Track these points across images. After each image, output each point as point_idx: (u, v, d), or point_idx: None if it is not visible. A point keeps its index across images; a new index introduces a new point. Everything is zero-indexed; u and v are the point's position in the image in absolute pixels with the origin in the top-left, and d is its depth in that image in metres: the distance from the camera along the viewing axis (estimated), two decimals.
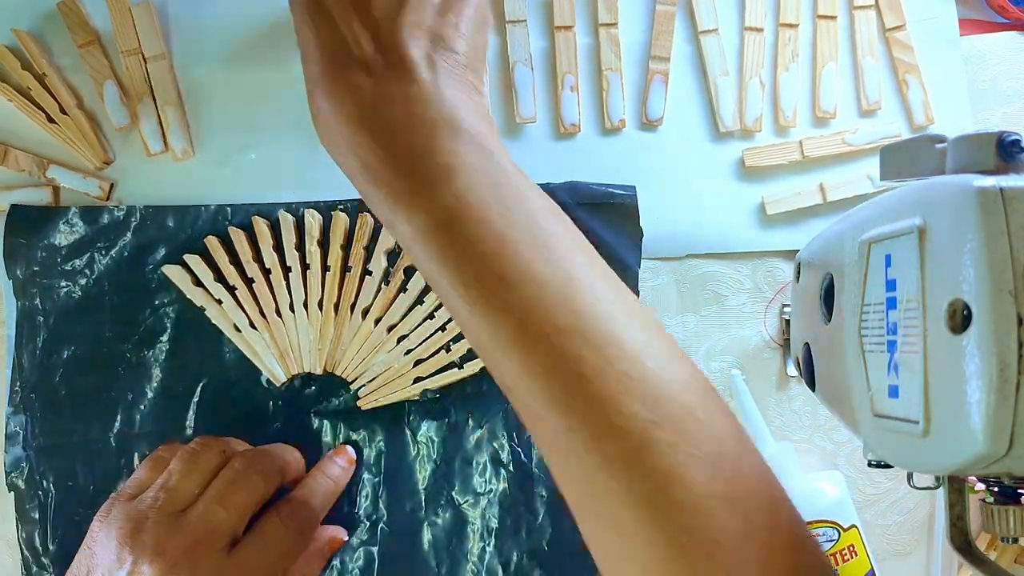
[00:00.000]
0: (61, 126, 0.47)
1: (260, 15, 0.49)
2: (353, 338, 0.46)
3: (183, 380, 0.47)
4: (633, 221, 0.48)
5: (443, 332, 0.46)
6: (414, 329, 0.46)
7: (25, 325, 0.47)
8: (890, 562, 0.48)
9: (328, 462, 0.45)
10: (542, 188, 0.47)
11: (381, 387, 0.46)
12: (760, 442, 0.44)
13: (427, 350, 0.46)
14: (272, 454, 0.43)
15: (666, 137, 0.49)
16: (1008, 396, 0.23)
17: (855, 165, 0.49)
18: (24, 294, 0.47)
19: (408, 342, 0.46)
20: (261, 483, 0.40)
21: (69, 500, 0.46)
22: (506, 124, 0.49)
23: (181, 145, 0.48)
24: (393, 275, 0.46)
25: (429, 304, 0.46)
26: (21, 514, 0.46)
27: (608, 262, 0.46)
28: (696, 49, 0.50)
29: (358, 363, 0.46)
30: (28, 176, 0.47)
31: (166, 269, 0.46)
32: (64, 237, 0.47)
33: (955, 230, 0.25)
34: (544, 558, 0.46)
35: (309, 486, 0.43)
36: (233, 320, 0.46)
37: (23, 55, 0.48)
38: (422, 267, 0.33)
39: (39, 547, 0.46)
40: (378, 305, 0.46)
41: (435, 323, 0.46)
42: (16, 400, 0.47)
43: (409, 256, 0.41)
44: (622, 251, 0.47)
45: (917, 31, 0.50)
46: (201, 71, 0.48)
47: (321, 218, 0.46)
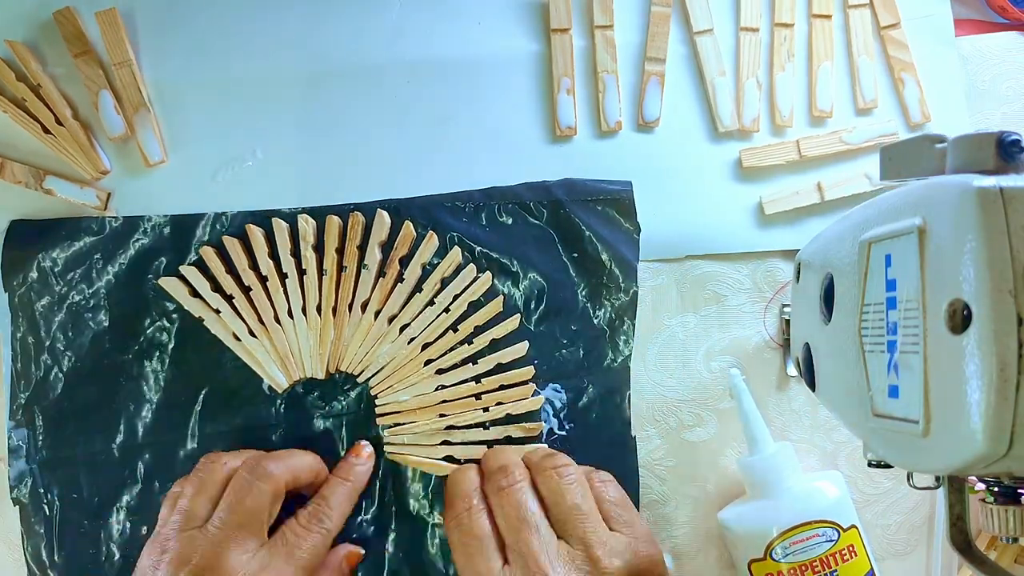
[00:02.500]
0: (57, 137, 0.47)
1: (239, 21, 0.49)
2: (355, 333, 0.46)
3: (185, 389, 0.46)
4: (630, 216, 0.48)
5: (447, 314, 0.46)
6: (415, 317, 0.46)
7: (24, 338, 0.47)
8: (890, 562, 0.48)
9: (345, 465, 0.45)
10: (539, 186, 0.47)
11: (392, 374, 0.46)
12: (760, 442, 0.44)
13: (432, 334, 0.46)
14: (281, 459, 0.43)
15: (663, 139, 0.49)
16: (1008, 396, 0.23)
17: (852, 164, 0.49)
18: (23, 307, 0.47)
19: (411, 330, 0.46)
20: (268, 488, 0.41)
21: (74, 512, 0.46)
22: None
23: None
24: (389, 266, 0.46)
25: (428, 291, 0.46)
26: (27, 528, 0.46)
27: (607, 259, 0.47)
28: (691, 50, 0.50)
29: (362, 357, 0.46)
30: (25, 188, 0.47)
31: (163, 282, 0.46)
32: (62, 250, 0.47)
33: (955, 230, 0.25)
34: None
35: (327, 490, 0.44)
36: (232, 329, 0.46)
37: (17, 66, 0.47)
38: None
39: (45, 560, 0.46)
40: (376, 298, 0.46)
41: (436, 308, 0.46)
42: (17, 414, 0.46)
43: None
44: (620, 247, 0.47)
45: (912, 29, 0.50)
46: (188, 79, 0.48)
47: (315, 223, 0.46)
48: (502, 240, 0.47)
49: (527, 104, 0.49)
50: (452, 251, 0.46)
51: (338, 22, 0.49)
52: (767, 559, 0.43)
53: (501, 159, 0.48)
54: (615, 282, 0.47)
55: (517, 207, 0.47)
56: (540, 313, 0.47)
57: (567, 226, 0.47)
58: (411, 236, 0.46)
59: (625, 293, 0.47)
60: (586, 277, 0.47)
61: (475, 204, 0.47)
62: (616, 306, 0.47)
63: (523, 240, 0.47)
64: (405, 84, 0.48)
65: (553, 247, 0.47)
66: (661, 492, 0.48)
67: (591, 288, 0.47)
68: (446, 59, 0.49)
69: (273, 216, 0.47)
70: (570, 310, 0.47)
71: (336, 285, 0.46)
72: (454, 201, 0.47)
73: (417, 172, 0.48)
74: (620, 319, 0.47)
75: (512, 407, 0.46)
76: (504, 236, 0.47)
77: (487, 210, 0.47)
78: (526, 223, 0.47)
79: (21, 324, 0.47)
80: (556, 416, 0.47)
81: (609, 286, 0.47)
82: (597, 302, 0.47)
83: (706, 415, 0.48)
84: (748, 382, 0.45)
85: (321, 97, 0.48)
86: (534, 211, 0.47)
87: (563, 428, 0.47)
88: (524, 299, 0.47)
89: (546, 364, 0.47)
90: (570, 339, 0.47)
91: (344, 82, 0.48)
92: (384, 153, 0.48)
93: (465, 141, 0.48)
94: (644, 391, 0.48)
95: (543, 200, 0.47)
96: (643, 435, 0.48)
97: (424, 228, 0.47)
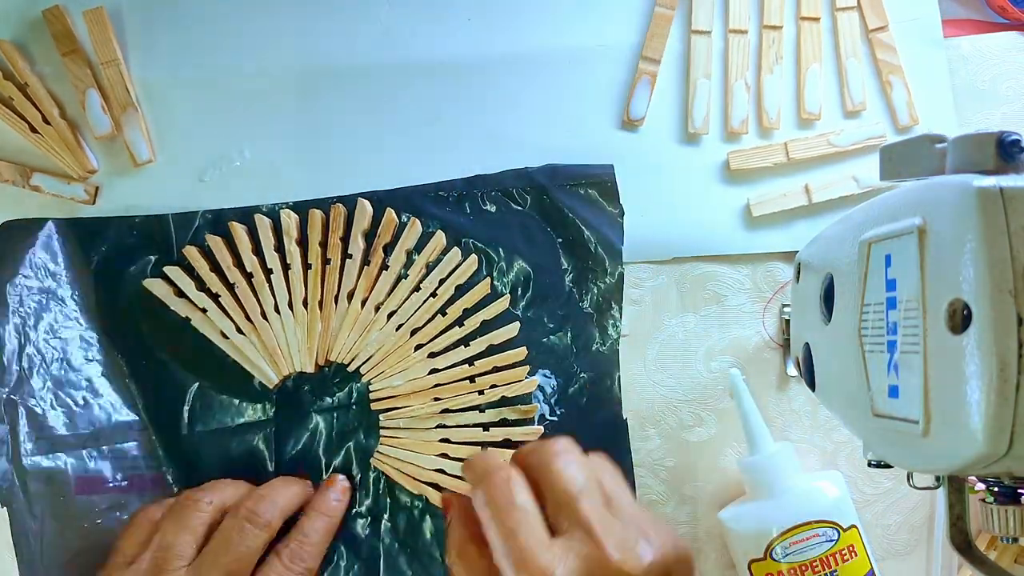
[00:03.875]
0: (44, 136, 0.47)
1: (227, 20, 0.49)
2: (342, 324, 0.46)
3: (174, 387, 0.46)
4: (613, 199, 0.48)
5: (434, 299, 0.46)
6: (402, 303, 0.46)
7: (11, 338, 0.47)
8: (890, 562, 0.48)
9: (322, 498, 0.45)
10: (521, 173, 0.47)
11: (382, 360, 0.46)
12: (760, 442, 0.44)
13: (421, 318, 0.46)
14: (268, 499, 0.43)
15: (649, 140, 0.49)
16: (1008, 396, 0.23)
17: (840, 166, 0.49)
18: (9, 306, 0.47)
19: (399, 317, 0.46)
20: (264, 536, 0.41)
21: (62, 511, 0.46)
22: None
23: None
24: (372, 254, 0.46)
25: (414, 276, 0.46)
26: (15, 527, 0.46)
27: (592, 242, 0.47)
28: (686, 50, 0.49)
29: (351, 346, 0.46)
30: (13, 186, 0.47)
31: (148, 283, 0.46)
32: (48, 249, 0.47)
33: (955, 230, 0.25)
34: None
35: (307, 525, 0.44)
36: (219, 327, 0.46)
37: (4, 65, 0.47)
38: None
39: (35, 560, 0.46)
40: (362, 287, 0.46)
41: (423, 293, 0.46)
42: (2, 411, 0.46)
43: None
44: (605, 230, 0.47)
45: (900, 32, 0.50)
46: (176, 78, 0.48)
47: (298, 217, 0.46)
48: (486, 228, 0.47)
49: (527, 103, 0.49)
50: (436, 235, 0.46)
51: (327, 22, 0.49)
52: (767, 559, 0.43)
53: (491, 155, 0.48)
54: (601, 265, 0.47)
55: (500, 194, 0.48)
56: (527, 299, 0.47)
57: (551, 211, 0.47)
58: (393, 223, 0.46)
59: (611, 276, 0.47)
60: (572, 261, 0.47)
61: (458, 193, 0.48)
62: (603, 289, 0.47)
63: (507, 227, 0.47)
64: (394, 83, 0.49)
65: (538, 233, 0.47)
66: (661, 492, 0.48)
67: (577, 272, 0.47)
68: (435, 58, 0.49)
69: (255, 212, 0.47)
70: (557, 295, 0.47)
71: (321, 279, 0.46)
72: (437, 191, 0.48)
73: (407, 170, 0.48)
74: (607, 302, 0.47)
75: (507, 389, 0.46)
76: (488, 224, 0.47)
77: (470, 199, 0.48)
78: (510, 210, 0.47)
79: (8, 323, 0.47)
80: (547, 402, 0.47)
81: (595, 269, 0.47)
82: (584, 286, 0.47)
83: (706, 415, 0.48)
84: (748, 382, 0.45)
85: (310, 96, 0.48)
86: (517, 198, 0.47)
87: (554, 414, 0.47)
88: (511, 286, 0.47)
89: (535, 350, 0.47)
90: (558, 324, 0.47)
91: (333, 81, 0.49)
92: (374, 152, 0.48)
93: (454, 140, 0.48)
94: (644, 391, 0.48)
95: (526, 186, 0.48)
96: (643, 435, 0.48)
97: (407, 216, 0.47)
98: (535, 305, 0.47)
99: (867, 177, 0.48)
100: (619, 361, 0.47)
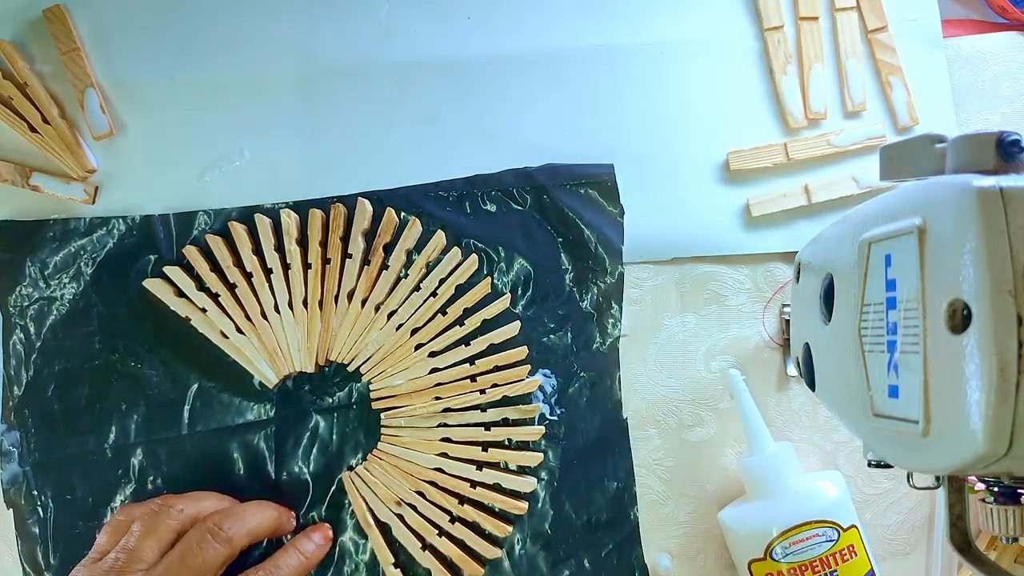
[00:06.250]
0: (44, 136, 0.47)
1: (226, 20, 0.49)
2: (342, 323, 0.46)
3: (175, 387, 0.47)
4: (613, 199, 0.48)
5: (434, 298, 0.46)
6: (402, 303, 0.46)
7: (14, 341, 0.47)
8: (890, 562, 0.48)
9: (303, 539, 0.45)
10: (521, 172, 0.47)
11: (382, 360, 0.46)
12: (760, 442, 0.44)
13: (421, 318, 0.46)
14: (243, 519, 0.42)
15: (649, 139, 0.49)
16: (1008, 396, 0.23)
17: (840, 167, 0.49)
18: (11, 309, 0.47)
19: (399, 316, 0.46)
20: (223, 551, 0.40)
21: (68, 514, 0.46)
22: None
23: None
24: (373, 254, 0.46)
25: (414, 276, 0.46)
26: (21, 531, 0.46)
27: (592, 242, 0.47)
28: None
29: (351, 346, 0.46)
30: (12, 186, 0.47)
31: (148, 284, 0.46)
32: (50, 251, 0.47)
33: (955, 230, 0.25)
34: (547, 540, 0.46)
35: (281, 559, 0.43)
36: (219, 327, 0.46)
37: (4, 65, 0.48)
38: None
39: (40, 563, 0.46)
40: (362, 286, 0.46)
41: (423, 293, 0.46)
42: (9, 417, 0.46)
43: None
44: (605, 229, 0.48)
45: (899, 33, 0.50)
46: (173, 77, 0.48)
47: (298, 217, 0.46)
48: (487, 228, 0.47)
49: (527, 103, 0.49)
50: (436, 235, 0.46)
51: (327, 21, 0.49)
52: (767, 559, 0.43)
53: (490, 156, 0.48)
54: (601, 265, 0.47)
55: (500, 194, 0.48)
56: (527, 299, 0.47)
57: (551, 211, 0.47)
58: (394, 223, 0.46)
59: (611, 275, 0.47)
60: (572, 261, 0.47)
61: (458, 192, 0.48)
62: (603, 289, 0.47)
63: (508, 227, 0.47)
64: (394, 83, 0.49)
65: (538, 232, 0.47)
66: (661, 492, 0.48)
67: (577, 272, 0.47)
68: (435, 58, 0.49)
69: (255, 212, 0.47)
70: (557, 295, 0.47)
71: (321, 278, 0.46)
72: (437, 190, 0.48)
73: (406, 169, 0.48)
74: (607, 302, 0.47)
75: (508, 389, 0.46)
76: (488, 223, 0.47)
77: (471, 198, 0.48)
78: (510, 210, 0.48)
79: (10, 326, 0.47)
80: (547, 401, 0.47)
81: (595, 269, 0.47)
82: (584, 286, 0.47)
83: (706, 415, 0.48)
84: (748, 382, 0.45)
85: (310, 96, 0.48)
86: (517, 197, 0.47)
87: (554, 413, 0.47)
88: (511, 286, 0.47)
89: (535, 350, 0.47)
90: (558, 324, 0.47)
91: (333, 81, 0.49)
92: (374, 152, 0.48)
93: (454, 140, 0.48)
94: (644, 391, 0.48)
95: (526, 186, 0.48)
96: (643, 435, 0.48)
97: (407, 216, 0.47)
98: (535, 305, 0.47)
99: (867, 177, 0.48)
100: (619, 361, 0.48)
